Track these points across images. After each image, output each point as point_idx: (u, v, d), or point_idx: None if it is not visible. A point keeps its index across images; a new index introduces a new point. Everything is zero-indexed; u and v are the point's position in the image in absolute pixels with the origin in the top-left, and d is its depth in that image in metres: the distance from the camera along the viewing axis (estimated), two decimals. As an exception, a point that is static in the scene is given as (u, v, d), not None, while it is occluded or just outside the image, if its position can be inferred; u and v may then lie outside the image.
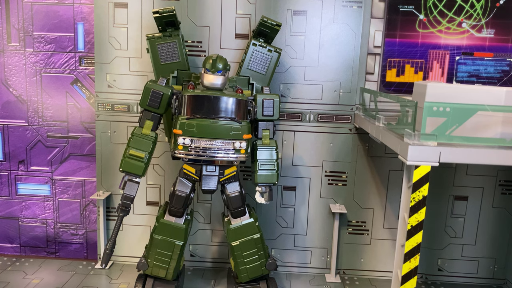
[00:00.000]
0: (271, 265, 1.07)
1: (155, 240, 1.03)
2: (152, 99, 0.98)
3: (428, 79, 1.20)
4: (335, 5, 1.17)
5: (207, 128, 0.96)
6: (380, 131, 0.95)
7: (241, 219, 1.05)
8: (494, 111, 0.79)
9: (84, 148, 1.30)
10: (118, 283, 1.19)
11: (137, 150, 0.98)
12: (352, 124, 1.22)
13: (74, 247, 1.35)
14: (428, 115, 0.76)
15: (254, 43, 1.09)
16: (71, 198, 1.33)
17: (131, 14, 1.19)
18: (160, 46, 1.07)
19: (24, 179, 1.32)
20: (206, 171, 1.01)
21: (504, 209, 1.25)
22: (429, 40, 1.18)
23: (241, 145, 0.97)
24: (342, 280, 1.25)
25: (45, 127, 1.29)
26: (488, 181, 1.23)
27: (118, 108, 1.23)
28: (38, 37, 1.25)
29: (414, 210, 0.78)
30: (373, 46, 1.19)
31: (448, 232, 1.26)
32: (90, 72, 1.27)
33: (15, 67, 1.26)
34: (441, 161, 0.75)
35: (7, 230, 1.35)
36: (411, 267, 0.80)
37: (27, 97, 1.28)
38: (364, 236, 1.27)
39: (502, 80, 1.20)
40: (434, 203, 1.24)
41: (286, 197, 1.26)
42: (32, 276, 1.21)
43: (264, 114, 1.02)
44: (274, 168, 1.03)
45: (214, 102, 0.97)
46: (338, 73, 1.20)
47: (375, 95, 1.09)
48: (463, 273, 1.28)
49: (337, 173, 1.24)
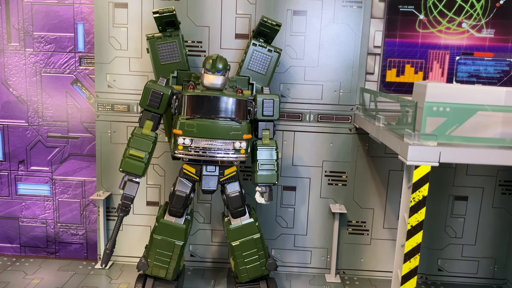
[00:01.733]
0: (271, 265, 1.07)
1: (155, 240, 1.03)
2: (152, 99, 0.98)
3: (428, 79, 1.20)
4: (335, 5, 1.17)
5: (207, 128, 0.96)
6: (380, 131, 0.95)
7: (241, 219, 1.05)
8: (494, 111, 0.79)
9: (84, 148, 1.30)
10: (118, 283, 1.19)
11: (137, 150, 0.98)
12: (352, 124, 1.22)
13: (74, 247, 1.35)
14: (428, 115, 0.76)
15: (254, 43, 1.09)
16: (71, 198, 1.33)
17: (131, 14, 1.19)
18: (160, 46, 1.07)
19: (24, 179, 1.32)
20: (206, 171, 1.01)
21: (504, 209, 1.25)
22: (429, 40, 1.18)
23: (241, 145, 0.97)
24: (342, 280, 1.25)
25: (45, 127, 1.29)
26: (488, 181, 1.23)
27: (118, 108, 1.23)
28: (38, 37, 1.25)
29: (414, 210, 0.78)
30: (373, 46, 1.19)
31: (448, 232, 1.26)
32: (90, 72, 1.27)
33: (15, 67, 1.26)
34: (441, 161, 0.75)
35: (7, 230, 1.35)
36: (411, 267, 0.80)
37: (27, 97, 1.28)
38: (364, 236, 1.27)
39: (502, 80, 1.19)
40: (434, 203, 1.24)
41: (286, 197, 1.26)
42: (32, 276, 1.21)
43: (264, 114, 1.02)
44: (274, 168, 1.03)
45: (214, 102, 0.96)
46: (338, 73, 1.20)
47: (375, 95, 1.09)
48: (463, 273, 1.28)
49: (337, 173, 1.24)
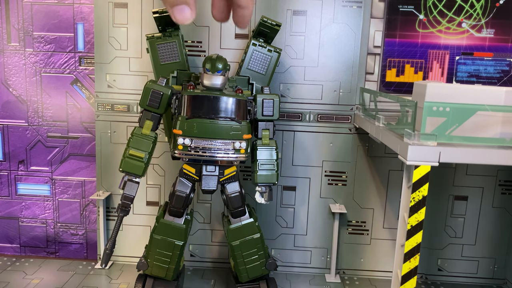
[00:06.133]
0: (271, 265, 1.07)
1: (155, 240, 1.03)
2: (152, 99, 0.98)
3: (428, 79, 1.20)
4: (335, 5, 1.17)
5: (207, 128, 0.96)
6: (380, 131, 0.95)
7: (241, 219, 1.05)
8: (494, 111, 0.79)
9: (84, 148, 1.30)
10: (118, 283, 1.19)
11: (137, 150, 0.98)
12: (352, 124, 1.22)
13: (74, 247, 1.35)
14: (428, 115, 0.76)
15: (254, 43, 1.09)
16: (71, 198, 1.33)
17: (131, 14, 1.19)
18: (160, 46, 1.07)
19: (24, 179, 1.32)
20: (206, 171, 1.01)
21: (504, 209, 1.25)
22: (429, 40, 1.18)
23: (241, 145, 0.97)
24: (342, 280, 1.25)
25: (45, 127, 1.29)
26: (488, 181, 1.23)
27: (118, 108, 1.23)
28: (38, 37, 1.25)
29: (414, 210, 0.78)
30: (373, 46, 1.19)
31: (448, 232, 1.26)
32: (90, 72, 1.27)
33: (15, 67, 1.26)
34: (441, 161, 0.75)
35: (7, 230, 1.35)
36: (411, 267, 0.80)
37: (27, 97, 1.28)
38: (364, 236, 1.27)
39: (502, 80, 1.19)
40: (434, 203, 1.24)
41: (286, 197, 1.26)
42: (32, 276, 1.21)
43: (264, 114, 1.02)
44: (274, 168, 1.03)
45: (214, 102, 0.96)
46: (338, 73, 1.20)
47: (375, 95, 1.09)
48: (463, 273, 1.28)
49: (337, 173, 1.24)
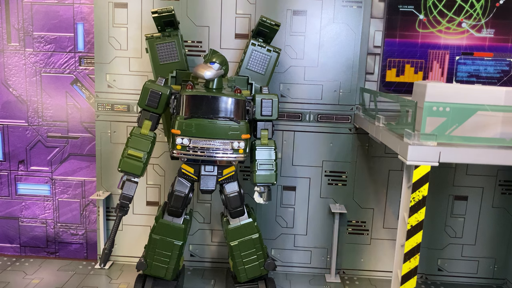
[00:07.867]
0: (270, 265, 1.07)
1: (154, 240, 1.03)
2: (150, 99, 0.98)
3: (428, 79, 1.20)
4: (335, 5, 1.17)
5: (205, 128, 0.96)
6: (380, 131, 0.95)
7: (239, 219, 1.05)
8: (494, 111, 0.79)
9: (84, 148, 1.30)
10: (118, 283, 1.19)
11: (136, 150, 0.98)
12: (352, 124, 1.22)
13: (74, 247, 1.35)
14: (428, 115, 0.76)
15: (253, 43, 1.09)
16: (71, 198, 1.33)
17: (131, 14, 1.19)
18: (159, 46, 1.07)
19: (24, 179, 1.32)
20: (205, 171, 1.01)
21: (504, 209, 1.24)
22: (429, 40, 1.18)
23: (240, 145, 0.97)
24: (342, 280, 1.25)
25: (45, 127, 1.29)
26: (488, 181, 1.23)
27: (118, 108, 1.23)
28: (38, 37, 1.25)
29: (414, 210, 0.78)
30: (373, 46, 1.19)
31: (448, 232, 1.26)
32: (90, 72, 1.27)
33: (15, 67, 1.26)
34: (441, 161, 0.75)
35: (7, 230, 1.35)
36: (411, 267, 0.80)
37: (27, 97, 1.28)
38: (364, 236, 1.27)
39: (502, 80, 1.19)
40: (434, 203, 1.24)
41: (286, 197, 1.26)
42: (32, 276, 1.21)
43: (263, 114, 1.02)
44: (272, 168, 1.03)
45: (212, 102, 0.96)
46: (338, 73, 1.20)
47: (375, 95, 1.09)
48: (463, 273, 1.28)
49: (337, 173, 1.24)
